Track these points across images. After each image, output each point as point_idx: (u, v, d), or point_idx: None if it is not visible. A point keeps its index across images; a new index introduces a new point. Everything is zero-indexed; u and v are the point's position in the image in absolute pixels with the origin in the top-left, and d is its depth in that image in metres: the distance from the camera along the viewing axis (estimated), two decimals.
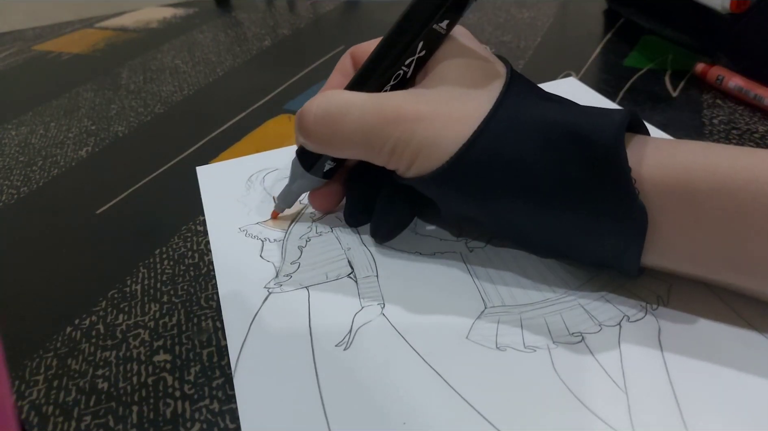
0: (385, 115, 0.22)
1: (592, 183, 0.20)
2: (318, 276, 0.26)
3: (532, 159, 0.21)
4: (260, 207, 0.31)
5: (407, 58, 0.24)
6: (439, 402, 0.20)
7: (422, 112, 0.22)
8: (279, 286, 0.26)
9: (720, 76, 0.39)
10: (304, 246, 0.28)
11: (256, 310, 0.24)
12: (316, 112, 0.24)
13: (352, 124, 0.23)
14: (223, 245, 0.29)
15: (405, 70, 0.24)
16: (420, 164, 0.23)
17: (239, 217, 0.30)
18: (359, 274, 0.26)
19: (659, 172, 0.20)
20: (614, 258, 0.22)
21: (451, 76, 0.23)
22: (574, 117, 0.21)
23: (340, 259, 0.27)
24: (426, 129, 0.22)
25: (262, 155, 0.36)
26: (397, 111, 0.22)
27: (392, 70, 0.24)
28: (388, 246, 0.27)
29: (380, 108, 0.23)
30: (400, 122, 0.22)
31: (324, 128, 0.24)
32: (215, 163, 0.36)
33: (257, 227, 0.30)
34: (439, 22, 0.23)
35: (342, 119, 0.23)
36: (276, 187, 0.33)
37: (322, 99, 0.24)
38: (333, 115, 0.23)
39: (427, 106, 0.22)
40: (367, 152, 0.24)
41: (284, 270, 0.27)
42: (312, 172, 0.27)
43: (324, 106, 0.24)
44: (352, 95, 0.24)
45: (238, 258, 0.28)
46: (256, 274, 0.26)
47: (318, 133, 0.24)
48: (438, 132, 0.22)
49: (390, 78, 0.24)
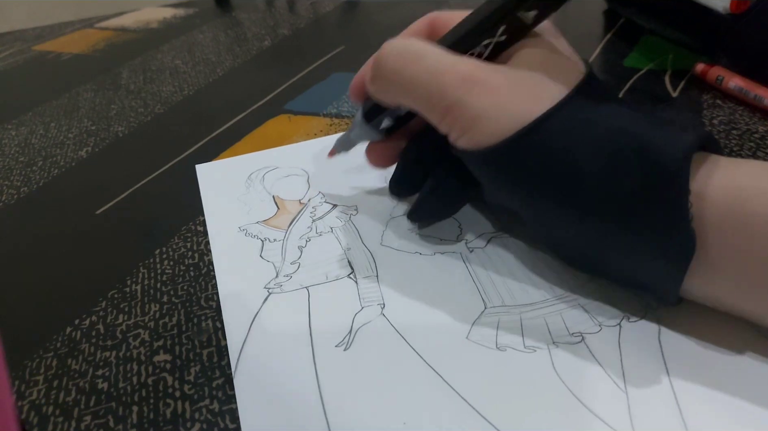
0: (457, 70, 0.22)
1: (647, 199, 0.19)
2: (318, 277, 0.26)
3: (592, 161, 0.20)
4: (260, 206, 0.31)
5: (485, 38, 0.23)
6: (439, 402, 0.20)
7: (492, 81, 0.21)
8: (279, 286, 0.26)
9: (720, 76, 0.39)
10: (304, 246, 0.28)
11: (257, 310, 0.24)
12: (395, 45, 0.23)
13: (423, 68, 0.22)
14: (223, 245, 0.29)
15: (480, 52, 0.23)
16: (474, 134, 0.22)
17: (239, 216, 0.30)
18: (359, 274, 0.26)
19: (715, 192, 0.19)
20: (653, 283, 0.21)
21: (528, 62, 0.23)
22: (645, 129, 0.20)
23: (340, 259, 0.27)
24: (489, 96, 0.21)
25: (262, 153, 0.36)
26: (470, 72, 0.22)
27: (467, 45, 0.23)
28: (388, 246, 0.27)
29: (455, 63, 0.22)
30: (467, 81, 0.21)
31: (396, 64, 0.23)
32: (215, 161, 0.36)
33: (257, 226, 0.30)
34: (527, 10, 0.22)
35: (416, 61, 0.23)
36: (276, 186, 0.33)
37: (403, 39, 0.24)
38: (410, 54, 0.23)
39: (498, 77, 0.22)
40: (425, 102, 0.23)
41: (284, 271, 0.27)
42: (372, 124, 0.27)
43: (404, 44, 0.23)
44: (433, 46, 0.23)
45: (238, 258, 0.28)
46: (256, 274, 0.26)
47: (389, 68, 0.23)
48: (502, 104, 0.21)
49: (464, 54, 0.23)
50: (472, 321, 0.23)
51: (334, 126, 0.40)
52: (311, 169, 0.34)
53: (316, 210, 0.30)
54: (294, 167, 0.34)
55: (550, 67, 0.22)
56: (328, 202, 0.31)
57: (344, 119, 0.41)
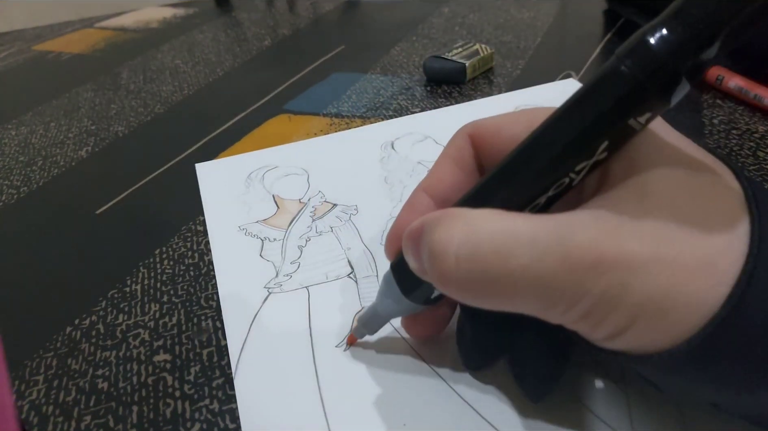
0: (577, 258, 0.14)
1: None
2: (318, 276, 0.26)
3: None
4: (260, 205, 0.31)
5: (580, 163, 0.16)
6: (440, 403, 0.20)
7: (637, 254, 0.14)
8: (279, 286, 0.26)
9: (720, 76, 0.39)
10: (304, 245, 0.28)
11: (257, 310, 0.24)
12: (458, 251, 0.16)
13: (522, 272, 0.15)
14: (222, 244, 0.29)
15: (572, 178, 0.16)
16: (639, 335, 0.15)
17: (239, 216, 0.30)
18: (359, 274, 0.26)
19: None
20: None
21: (664, 195, 0.15)
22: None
23: (340, 259, 0.27)
24: (649, 283, 0.14)
25: (262, 152, 0.36)
26: (596, 251, 0.14)
27: (554, 176, 0.16)
28: None
29: (566, 245, 0.15)
30: (604, 270, 0.14)
31: (476, 275, 0.16)
32: (215, 160, 0.36)
33: (257, 226, 0.30)
34: (640, 115, 0.14)
35: (505, 264, 0.15)
36: (277, 185, 0.33)
37: (463, 231, 0.16)
38: (487, 258, 0.15)
39: (641, 245, 0.14)
40: (544, 309, 0.16)
41: (284, 270, 0.26)
42: (412, 297, 0.19)
43: (472, 243, 0.16)
44: (508, 223, 0.15)
45: (238, 257, 0.28)
46: (256, 274, 0.26)
47: (466, 282, 0.16)
48: (670, 288, 0.14)
49: (549, 187, 0.16)
50: None
51: (334, 126, 0.40)
52: (311, 168, 0.34)
53: (316, 209, 0.30)
54: (294, 166, 0.34)
55: (697, 193, 0.15)
56: (328, 201, 0.31)
57: (344, 119, 0.41)
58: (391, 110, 0.41)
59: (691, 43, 0.13)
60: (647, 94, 0.14)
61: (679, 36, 0.13)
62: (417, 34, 0.55)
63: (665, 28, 0.13)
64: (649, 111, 0.14)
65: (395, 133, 0.37)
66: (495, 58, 0.48)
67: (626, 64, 0.14)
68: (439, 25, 0.57)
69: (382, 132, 0.37)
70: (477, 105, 0.40)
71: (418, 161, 0.34)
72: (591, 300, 0.15)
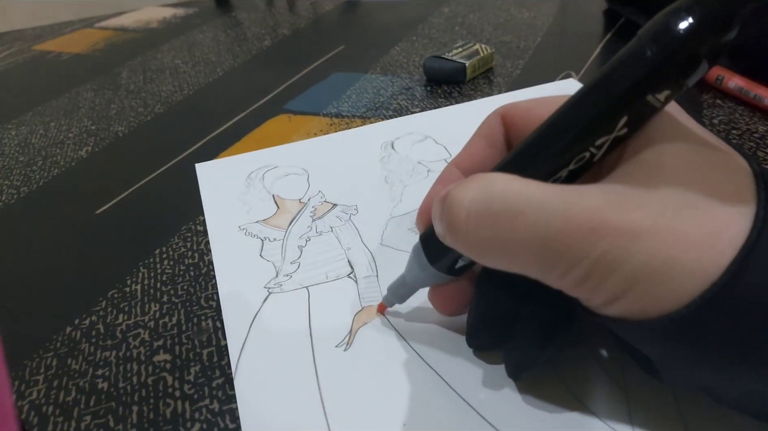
0: (580, 222, 0.15)
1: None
2: (318, 276, 0.26)
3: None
4: (260, 205, 0.31)
5: (600, 137, 0.16)
6: (440, 403, 0.20)
7: (639, 224, 0.15)
8: (279, 286, 0.26)
9: (720, 76, 0.39)
10: (304, 245, 0.28)
11: (257, 310, 0.24)
12: (470, 206, 0.17)
13: (526, 230, 0.16)
14: (222, 244, 0.29)
15: (593, 152, 0.17)
16: (637, 300, 0.15)
17: (239, 215, 0.30)
18: (359, 274, 0.26)
19: None
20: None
21: (674, 170, 0.16)
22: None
23: (340, 259, 0.27)
24: (648, 249, 0.15)
25: (262, 152, 0.37)
26: (598, 217, 0.15)
27: (575, 150, 0.17)
28: (388, 246, 0.27)
29: (571, 210, 0.15)
30: (604, 235, 0.15)
31: (484, 231, 0.16)
32: (214, 160, 0.36)
33: (257, 226, 0.30)
34: (658, 92, 0.15)
35: (512, 222, 0.16)
36: (276, 185, 0.33)
37: (477, 188, 0.17)
38: (497, 215, 0.16)
39: (644, 215, 0.15)
40: (544, 270, 0.16)
41: (284, 270, 0.27)
42: (437, 266, 0.20)
43: (483, 200, 0.16)
44: (522, 185, 0.16)
45: (238, 257, 0.28)
46: (256, 274, 0.26)
47: (474, 237, 0.17)
48: (670, 255, 0.15)
49: (570, 161, 0.17)
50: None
51: (333, 125, 0.40)
52: (311, 168, 0.34)
53: (316, 209, 0.30)
54: (294, 166, 0.34)
55: (707, 170, 0.16)
56: (328, 201, 0.31)
57: (344, 119, 0.41)
58: (391, 110, 0.41)
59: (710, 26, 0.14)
60: (667, 75, 0.15)
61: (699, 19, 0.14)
62: (417, 34, 0.55)
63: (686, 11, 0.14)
64: (667, 90, 0.15)
65: (395, 133, 0.37)
66: (495, 57, 0.48)
67: (648, 45, 0.15)
68: (439, 25, 0.57)
69: (382, 132, 0.38)
70: (477, 105, 0.40)
71: (418, 161, 0.34)
72: (589, 263, 0.15)
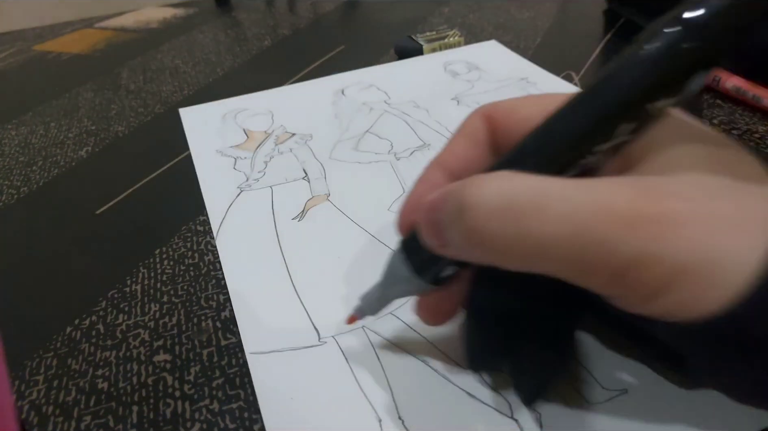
0: (613, 212, 0.14)
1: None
2: (279, 179, 0.34)
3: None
4: (233, 136, 0.38)
5: (599, 144, 0.15)
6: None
7: (677, 211, 0.14)
8: (248, 186, 0.33)
9: (717, 76, 0.39)
10: (269, 161, 0.35)
11: (232, 200, 0.32)
12: (490, 200, 0.15)
13: (555, 224, 0.14)
14: (204, 164, 0.36)
15: (591, 159, 0.16)
16: (679, 296, 0.14)
17: (215, 143, 0.38)
18: (311, 176, 0.34)
19: None
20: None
21: (689, 164, 0.15)
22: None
23: (297, 169, 0.34)
24: (690, 237, 0.13)
25: (235, 98, 0.44)
26: (633, 207, 0.14)
27: (574, 154, 0.16)
28: (335, 159, 0.35)
29: (602, 201, 0.14)
30: (640, 224, 0.13)
31: (507, 228, 0.14)
32: (195, 106, 0.43)
33: (231, 149, 0.37)
34: (657, 100, 0.15)
35: (539, 216, 0.14)
36: (247, 122, 0.40)
37: (494, 185, 0.15)
38: (522, 209, 0.14)
39: (678, 201, 0.14)
40: (575, 267, 0.15)
41: (253, 176, 0.34)
42: (422, 275, 0.18)
43: (506, 195, 0.15)
44: (542, 179, 0.15)
45: (217, 170, 0.35)
46: (231, 179, 0.34)
47: (496, 236, 0.15)
48: (713, 242, 0.13)
49: (569, 166, 0.16)
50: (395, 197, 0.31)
51: None
52: (276, 109, 0.41)
53: (278, 137, 0.38)
54: (261, 107, 0.42)
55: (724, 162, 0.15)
56: (288, 131, 0.38)
57: None
58: None
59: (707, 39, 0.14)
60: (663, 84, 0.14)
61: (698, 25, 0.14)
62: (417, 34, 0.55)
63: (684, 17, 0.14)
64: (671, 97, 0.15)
65: (346, 83, 0.45)
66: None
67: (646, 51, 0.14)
68: (439, 25, 0.57)
69: (334, 82, 0.45)
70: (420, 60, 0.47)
71: (363, 102, 0.41)
72: (628, 257, 0.14)
